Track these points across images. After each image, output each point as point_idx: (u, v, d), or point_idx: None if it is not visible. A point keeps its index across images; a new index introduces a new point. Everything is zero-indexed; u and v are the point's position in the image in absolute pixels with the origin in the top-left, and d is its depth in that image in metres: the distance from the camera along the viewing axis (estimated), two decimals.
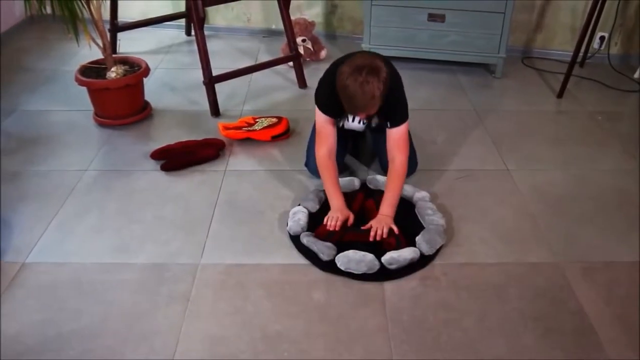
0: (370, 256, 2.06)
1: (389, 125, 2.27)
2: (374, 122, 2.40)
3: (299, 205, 2.34)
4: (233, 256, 2.15)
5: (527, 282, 2.04)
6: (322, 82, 2.35)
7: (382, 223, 2.22)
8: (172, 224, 2.32)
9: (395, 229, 2.21)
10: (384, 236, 2.18)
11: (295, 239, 2.20)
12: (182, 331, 1.83)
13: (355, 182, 2.49)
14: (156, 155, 2.72)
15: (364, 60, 2.07)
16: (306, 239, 2.15)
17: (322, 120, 2.31)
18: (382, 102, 2.09)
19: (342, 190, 2.35)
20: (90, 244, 2.21)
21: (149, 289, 2.00)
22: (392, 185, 2.29)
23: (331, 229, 2.20)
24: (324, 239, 2.16)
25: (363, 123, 2.44)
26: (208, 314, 1.90)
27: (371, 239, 2.18)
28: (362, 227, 2.24)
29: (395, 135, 2.29)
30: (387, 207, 2.26)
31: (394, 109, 2.21)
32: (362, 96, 2.03)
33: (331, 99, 2.19)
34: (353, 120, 2.43)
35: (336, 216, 2.23)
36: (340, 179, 2.43)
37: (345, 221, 2.24)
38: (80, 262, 2.12)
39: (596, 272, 2.09)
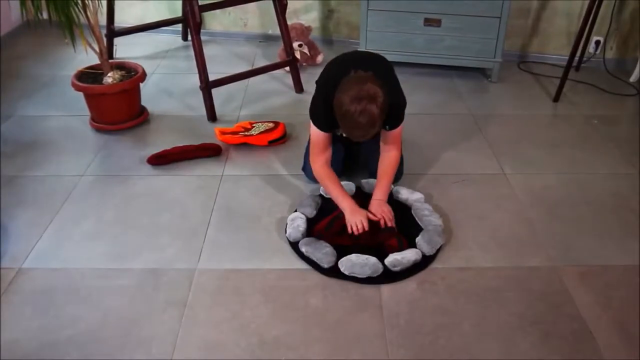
0: (373, 259, 2.06)
1: (387, 128, 2.28)
2: None
3: (296, 211, 2.34)
4: (230, 261, 2.15)
5: (524, 286, 2.04)
6: (316, 99, 2.31)
7: (382, 208, 2.27)
8: (168, 229, 2.32)
9: (390, 211, 2.26)
10: (390, 217, 2.24)
11: (295, 245, 2.19)
12: (179, 337, 1.83)
13: (351, 187, 2.48)
14: (153, 160, 2.72)
15: (359, 87, 2.01)
16: (305, 248, 2.14)
17: (318, 134, 2.30)
18: (382, 121, 2.09)
19: None
20: (87, 249, 2.20)
21: (146, 294, 1.99)
22: (384, 172, 2.33)
23: (358, 232, 2.20)
24: (320, 236, 2.17)
25: None
26: (205, 319, 1.90)
27: (382, 225, 2.23)
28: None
29: (392, 135, 2.31)
30: (380, 192, 2.31)
31: (392, 117, 2.22)
32: (362, 125, 2.02)
33: (327, 116, 2.18)
34: None
35: (357, 219, 2.21)
36: None
37: (343, 222, 2.23)
38: (76, 267, 2.11)
39: (593, 276, 2.09)
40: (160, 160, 2.73)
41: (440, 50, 3.63)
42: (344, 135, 2.38)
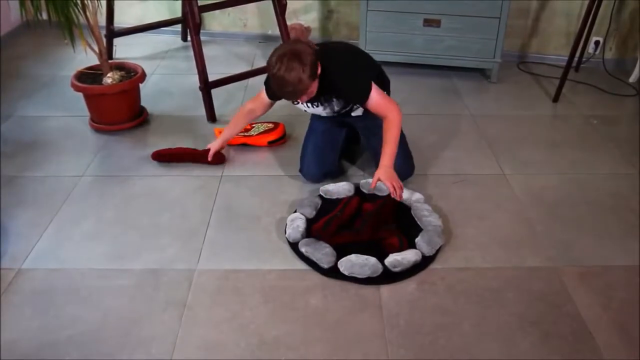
0: (373, 259, 2.06)
1: (357, 106, 2.29)
2: (337, 103, 2.42)
3: (295, 212, 2.34)
4: (230, 262, 2.15)
5: (524, 286, 2.04)
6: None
7: (389, 176, 2.29)
8: (168, 229, 2.32)
9: (399, 181, 2.31)
10: (400, 186, 2.29)
11: (294, 246, 2.19)
12: (179, 337, 1.83)
13: (350, 188, 2.48)
14: (155, 156, 2.72)
15: (286, 47, 2.17)
16: (305, 248, 2.14)
17: (262, 96, 2.52)
18: (316, 83, 2.19)
19: (337, 196, 2.41)
20: (87, 250, 2.20)
21: (146, 295, 1.99)
22: (387, 137, 2.34)
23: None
24: (319, 234, 2.17)
25: (315, 106, 2.45)
26: (205, 319, 1.90)
27: (395, 196, 2.27)
28: (370, 185, 2.34)
29: (374, 105, 2.33)
30: (386, 158, 2.33)
31: (343, 86, 2.27)
32: (290, 83, 2.11)
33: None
34: (312, 107, 2.47)
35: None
36: (334, 184, 2.48)
37: (339, 222, 2.24)
38: (76, 268, 2.11)
39: (593, 277, 2.09)
40: (163, 158, 2.73)
41: (440, 51, 3.63)
42: (309, 107, 2.47)
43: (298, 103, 2.44)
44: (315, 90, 2.24)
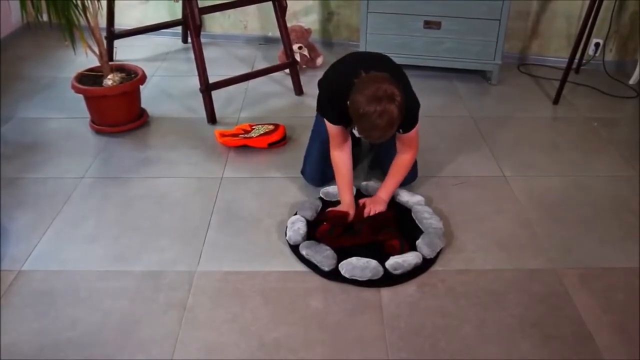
0: (373, 262, 2.06)
1: (401, 131, 2.26)
2: None
3: (296, 214, 2.34)
4: (230, 263, 2.15)
5: (525, 288, 2.04)
6: (327, 98, 2.31)
7: (375, 203, 2.31)
8: (168, 231, 2.31)
9: (381, 212, 2.30)
10: (374, 212, 2.29)
11: (295, 248, 2.19)
12: (179, 339, 1.83)
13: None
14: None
15: (378, 88, 1.95)
16: (305, 251, 2.13)
17: (332, 127, 2.30)
18: (400, 122, 2.05)
19: (338, 198, 2.38)
20: (87, 251, 2.20)
21: (146, 296, 1.99)
22: (394, 172, 2.35)
23: (331, 213, 2.27)
24: (322, 239, 2.17)
25: None
26: (205, 321, 1.90)
27: (365, 215, 2.27)
28: (359, 201, 2.34)
29: (407, 138, 2.30)
30: (384, 191, 2.35)
31: (406, 120, 2.17)
32: (382, 126, 1.97)
33: (341, 113, 2.14)
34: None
35: (340, 208, 2.31)
36: (335, 187, 2.45)
37: (343, 227, 2.23)
38: (77, 269, 2.11)
39: (593, 279, 2.09)
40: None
41: (440, 53, 3.63)
42: (356, 134, 2.38)
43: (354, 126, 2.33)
44: None
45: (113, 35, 3.76)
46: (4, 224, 2.34)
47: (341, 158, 2.35)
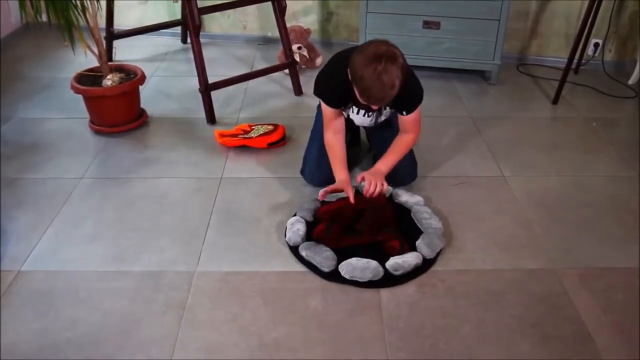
0: (374, 263, 2.06)
1: (404, 113, 2.25)
2: (385, 114, 2.38)
3: (295, 215, 2.34)
4: (230, 264, 2.15)
5: (524, 288, 2.04)
6: (324, 75, 2.33)
7: (375, 177, 2.24)
8: (168, 231, 2.31)
9: (385, 185, 2.25)
10: (379, 191, 2.23)
11: (295, 250, 2.19)
12: (179, 339, 1.83)
13: None
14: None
15: (378, 47, 1.95)
16: (305, 252, 2.13)
17: (327, 110, 2.31)
18: (399, 91, 2.00)
19: (337, 199, 2.37)
20: (87, 251, 2.20)
21: (146, 297, 1.99)
22: (395, 148, 2.33)
23: (324, 194, 2.25)
24: (320, 238, 2.17)
25: (368, 116, 2.40)
26: (204, 321, 1.90)
27: (365, 194, 2.23)
28: (357, 178, 2.29)
29: (409, 119, 2.29)
30: (383, 164, 2.32)
31: (408, 97, 2.15)
32: (381, 86, 1.94)
33: (336, 91, 2.16)
34: (357, 113, 2.40)
35: (341, 189, 2.27)
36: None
37: (342, 228, 2.23)
38: (76, 270, 2.11)
39: (593, 279, 2.09)
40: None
41: (440, 53, 3.63)
42: (352, 112, 2.36)
43: (350, 107, 2.31)
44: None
45: (112, 35, 3.76)
46: (3, 224, 2.34)
47: (335, 139, 2.34)
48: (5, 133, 3.03)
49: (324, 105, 2.31)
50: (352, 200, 2.25)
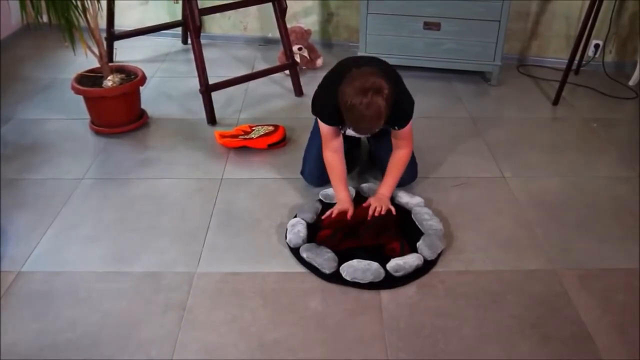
0: (375, 264, 2.06)
1: (396, 128, 2.28)
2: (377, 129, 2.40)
3: (296, 217, 2.34)
4: (229, 264, 2.15)
5: (524, 289, 2.04)
6: (318, 98, 2.35)
7: (381, 202, 2.29)
8: (168, 232, 2.31)
9: (392, 209, 2.29)
10: (382, 213, 2.26)
11: (296, 251, 2.18)
12: (179, 340, 1.83)
13: (351, 192, 2.47)
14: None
15: (364, 79, 2.00)
16: (306, 254, 2.13)
17: (325, 128, 2.32)
18: (387, 116, 2.06)
19: (335, 201, 2.38)
20: (87, 252, 2.20)
21: (145, 297, 1.99)
22: (393, 170, 2.36)
23: (330, 218, 2.26)
24: (324, 242, 2.16)
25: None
26: (204, 322, 1.90)
27: (369, 217, 2.25)
28: (362, 205, 2.31)
29: (401, 134, 2.32)
30: (385, 188, 2.35)
31: (398, 116, 2.21)
32: (369, 117, 2.01)
33: (332, 113, 2.18)
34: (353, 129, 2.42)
35: (338, 208, 2.29)
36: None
37: (345, 231, 2.23)
38: (76, 271, 2.11)
39: (593, 280, 2.09)
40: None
41: (440, 54, 3.63)
42: (347, 133, 2.39)
43: (348, 126, 2.33)
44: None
45: (113, 36, 3.77)
46: (3, 224, 2.34)
47: (334, 158, 2.36)
48: (6, 134, 3.03)
49: (321, 124, 2.32)
50: (349, 217, 2.28)
